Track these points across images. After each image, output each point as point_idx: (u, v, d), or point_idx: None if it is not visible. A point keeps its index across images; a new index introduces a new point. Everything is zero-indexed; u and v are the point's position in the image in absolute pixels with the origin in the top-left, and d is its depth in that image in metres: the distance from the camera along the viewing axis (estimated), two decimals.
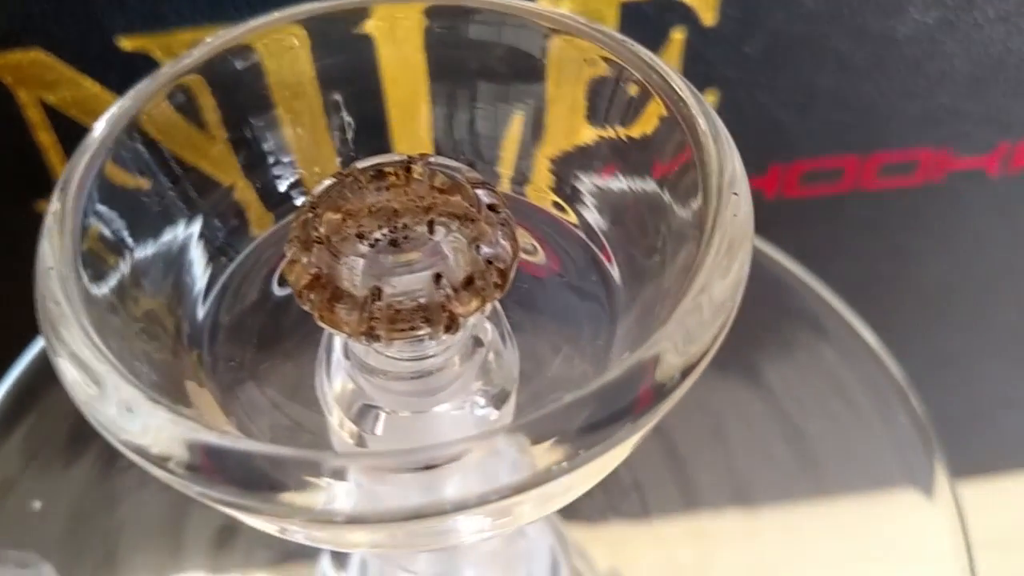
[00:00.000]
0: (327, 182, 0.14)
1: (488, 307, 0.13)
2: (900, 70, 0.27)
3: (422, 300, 0.13)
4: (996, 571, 0.26)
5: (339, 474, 0.11)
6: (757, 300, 0.14)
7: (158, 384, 0.14)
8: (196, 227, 0.17)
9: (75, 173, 0.14)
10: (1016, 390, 0.40)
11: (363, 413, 0.15)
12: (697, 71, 0.27)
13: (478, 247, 0.13)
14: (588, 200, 0.17)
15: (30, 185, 0.26)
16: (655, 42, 0.26)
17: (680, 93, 0.14)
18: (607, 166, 0.17)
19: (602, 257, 0.17)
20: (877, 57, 0.27)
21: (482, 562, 0.21)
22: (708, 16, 0.25)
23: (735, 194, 0.13)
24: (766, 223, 0.31)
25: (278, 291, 0.17)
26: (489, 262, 0.13)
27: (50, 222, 0.13)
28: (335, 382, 0.16)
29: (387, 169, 0.14)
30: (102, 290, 0.14)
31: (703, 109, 0.14)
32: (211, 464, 0.11)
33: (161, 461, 0.11)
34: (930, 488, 0.26)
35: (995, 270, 0.34)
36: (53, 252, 0.13)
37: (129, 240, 0.15)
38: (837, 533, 0.30)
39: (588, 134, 0.17)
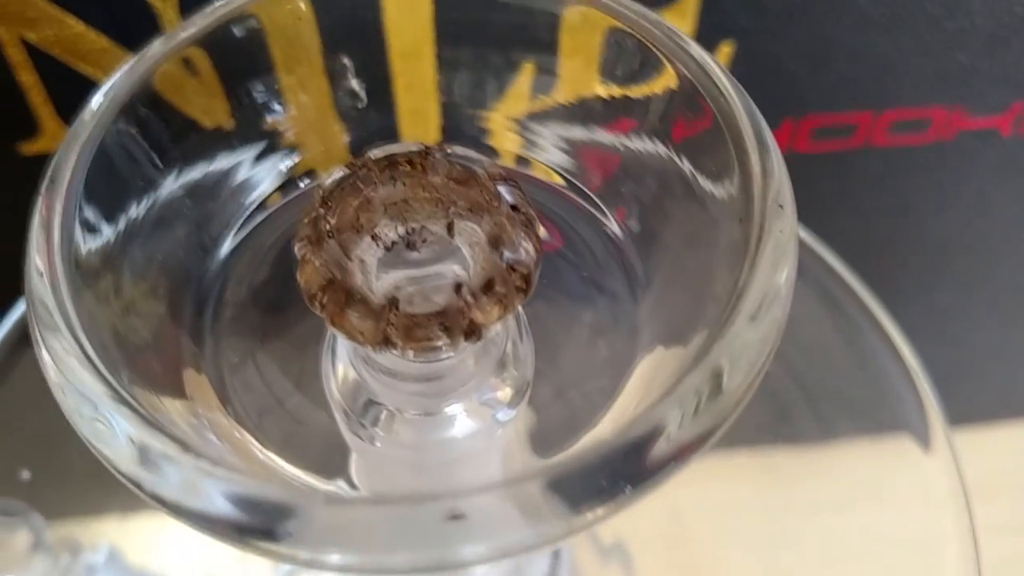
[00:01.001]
0: (338, 173, 0.13)
1: (510, 314, 0.13)
2: (919, 26, 0.26)
3: (440, 304, 0.12)
4: (989, 517, 0.26)
5: (331, 523, 0.10)
6: None
7: (148, 380, 0.13)
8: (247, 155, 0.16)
9: (65, 166, 0.12)
10: (1011, 344, 0.40)
11: (369, 409, 0.15)
12: (712, 21, 0.26)
13: (501, 253, 0.12)
14: (603, 177, 0.16)
15: (12, 126, 0.25)
16: None
17: (722, 89, 0.13)
18: (619, 126, 0.16)
19: (617, 231, 0.16)
20: (896, 12, 0.26)
21: None
22: None
23: (780, 207, 0.12)
24: None
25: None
26: (512, 268, 0.12)
27: (36, 223, 0.12)
28: (340, 374, 0.15)
29: (401, 159, 0.13)
30: (93, 284, 0.13)
31: (747, 106, 0.13)
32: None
33: (132, 483, 0.10)
34: (927, 437, 0.26)
35: (998, 229, 0.34)
36: (40, 255, 0.12)
37: (124, 217, 0.14)
38: (836, 480, 0.30)
39: (602, 104, 0.16)
